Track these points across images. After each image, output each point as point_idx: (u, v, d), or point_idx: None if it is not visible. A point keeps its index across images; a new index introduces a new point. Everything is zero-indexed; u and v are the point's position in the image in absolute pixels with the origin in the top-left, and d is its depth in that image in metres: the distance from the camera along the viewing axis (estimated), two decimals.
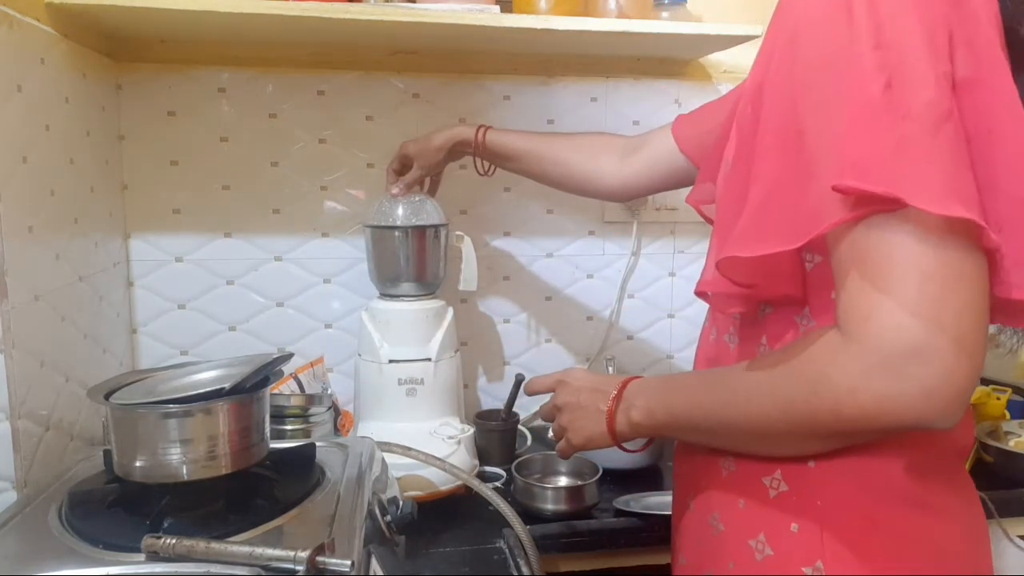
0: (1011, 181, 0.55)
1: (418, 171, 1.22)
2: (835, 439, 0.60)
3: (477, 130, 1.19)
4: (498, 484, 1.21)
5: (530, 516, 1.05)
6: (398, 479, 1.01)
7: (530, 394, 0.90)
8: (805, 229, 0.56)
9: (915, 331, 0.50)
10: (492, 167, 1.25)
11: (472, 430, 1.19)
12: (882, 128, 0.53)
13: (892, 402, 0.51)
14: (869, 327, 0.52)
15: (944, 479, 0.66)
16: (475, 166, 1.24)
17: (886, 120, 0.53)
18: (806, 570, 0.62)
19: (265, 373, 0.80)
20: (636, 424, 0.74)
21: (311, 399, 1.20)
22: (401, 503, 0.85)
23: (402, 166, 1.25)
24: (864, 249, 0.53)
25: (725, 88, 1.50)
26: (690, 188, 0.82)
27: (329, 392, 1.37)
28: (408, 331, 1.20)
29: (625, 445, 0.78)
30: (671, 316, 1.58)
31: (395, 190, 1.23)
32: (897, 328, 0.50)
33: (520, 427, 1.35)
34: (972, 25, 0.56)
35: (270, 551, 0.62)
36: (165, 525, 0.69)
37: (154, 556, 0.64)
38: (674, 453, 0.80)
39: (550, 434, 0.88)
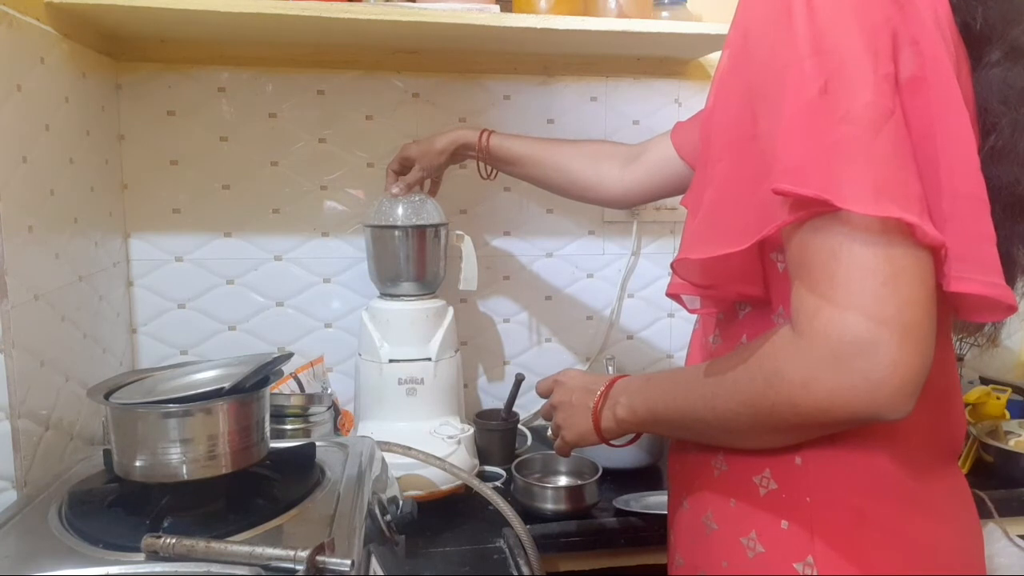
0: (952, 177, 0.57)
1: (419, 172, 1.23)
2: (797, 432, 0.62)
3: (481, 134, 1.20)
4: (498, 484, 1.21)
5: (530, 516, 1.05)
6: (398, 479, 1.01)
7: (540, 395, 0.92)
8: (752, 232, 0.58)
9: (858, 326, 0.52)
10: (494, 171, 1.25)
11: (472, 430, 1.19)
12: (818, 131, 0.54)
13: (842, 395, 0.53)
14: (816, 324, 0.54)
15: (935, 477, 0.66)
16: (478, 170, 1.24)
17: (823, 123, 0.54)
18: (797, 566, 0.62)
19: (265, 373, 0.81)
20: (621, 420, 0.77)
21: (311, 399, 1.20)
22: (401, 503, 0.85)
23: (402, 167, 1.25)
24: (809, 249, 0.55)
25: None
26: None
27: (329, 392, 1.37)
28: (408, 331, 1.20)
29: (613, 441, 0.81)
30: (671, 316, 1.58)
31: (395, 190, 1.23)
32: (841, 324, 0.52)
33: (520, 427, 1.35)
34: (916, 24, 0.57)
35: (270, 551, 0.62)
36: (165, 525, 0.69)
37: (154, 556, 0.64)
38: (668, 454, 0.80)
39: (549, 433, 0.91)
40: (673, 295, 0.71)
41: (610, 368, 1.45)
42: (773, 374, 0.57)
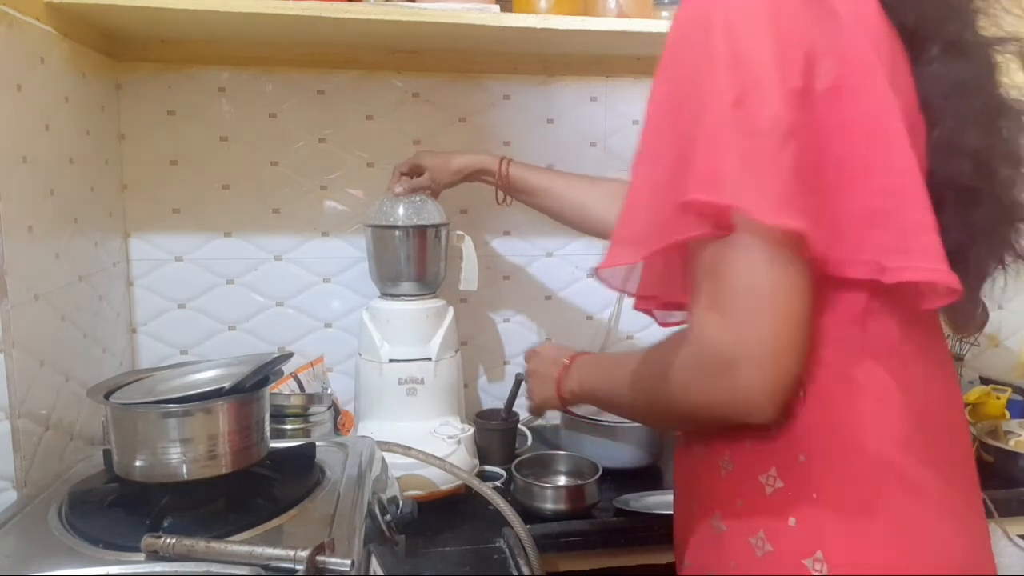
0: (888, 175, 0.59)
1: (427, 182, 1.24)
2: (687, 424, 0.70)
3: (500, 162, 1.22)
4: (498, 483, 1.21)
5: (530, 515, 1.05)
6: (398, 478, 1.01)
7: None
8: (655, 241, 0.61)
9: (733, 344, 0.56)
10: (510, 198, 1.27)
11: (472, 430, 1.19)
12: (731, 143, 0.56)
13: (715, 401, 0.59)
14: (698, 336, 0.58)
15: (943, 473, 0.67)
16: (496, 197, 1.26)
17: (735, 135, 0.56)
18: (807, 563, 0.62)
19: (265, 373, 0.81)
20: (572, 392, 0.87)
21: (311, 399, 1.20)
22: (401, 502, 0.85)
23: (411, 172, 1.26)
24: (704, 264, 0.59)
25: None
26: None
27: (329, 392, 1.37)
28: (408, 330, 1.20)
29: (572, 408, 0.94)
30: None
31: (398, 189, 1.24)
32: (719, 339, 0.57)
33: (520, 427, 1.35)
34: (836, 35, 0.59)
35: (270, 550, 0.62)
36: (165, 524, 0.69)
37: (154, 556, 0.64)
38: (674, 455, 0.80)
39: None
40: (644, 310, 0.74)
41: None
42: (665, 374, 0.63)
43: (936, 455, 0.67)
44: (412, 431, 1.12)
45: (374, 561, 0.71)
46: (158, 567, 0.63)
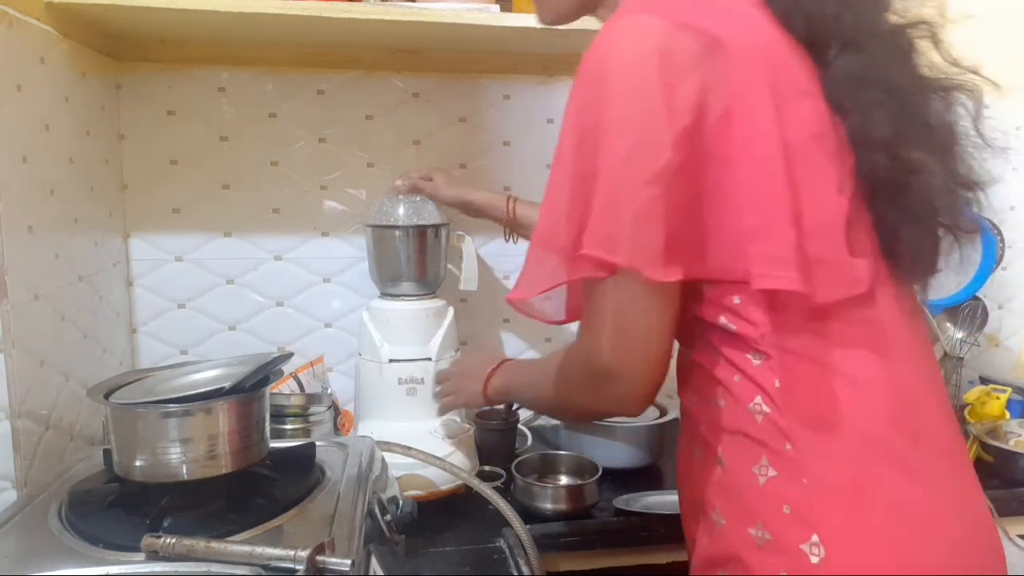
0: (742, 202, 0.65)
1: (431, 187, 1.26)
2: (585, 417, 0.94)
3: (507, 201, 1.26)
4: (498, 483, 1.21)
5: (530, 515, 1.05)
6: (398, 478, 1.01)
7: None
8: (552, 280, 0.70)
9: (613, 361, 0.66)
10: (518, 237, 1.30)
11: (472, 430, 1.19)
12: (622, 199, 0.63)
13: (596, 405, 0.72)
14: (587, 352, 0.68)
15: (935, 452, 0.68)
16: (504, 235, 1.29)
17: (627, 189, 0.63)
18: (803, 547, 0.64)
19: (265, 373, 0.81)
20: (496, 390, 0.95)
21: (311, 399, 1.20)
22: (401, 502, 0.85)
23: (421, 177, 1.29)
24: (594, 294, 0.67)
25: None
26: None
27: (329, 392, 1.37)
28: (408, 330, 1.20)
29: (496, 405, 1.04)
30: None
31: (399, 182, 1.24)
32: (596, 356, 0.67)
33: (520, 427, 1.35)
34: (724, 67, 0.64)
35: (270, 550, 0.62)
36: (165, 524, 0.69)
37: (154, 555, 0.64)
38: (676, 456, 0.81)
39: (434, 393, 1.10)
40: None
41: None
42: (560, 379, 0.75)
43: (925, 434, 0.69)
44: (412, 431, 1.11)
45: (374, 561, 0.71)
46: (158, 567, 0.63)
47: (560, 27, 0.90)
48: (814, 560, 0.63)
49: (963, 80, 0.71)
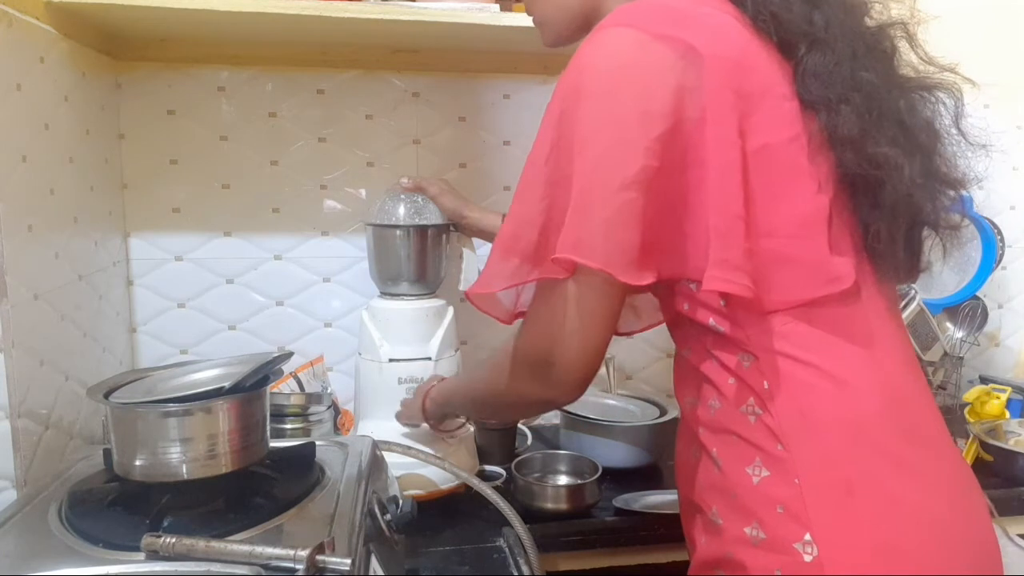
0: (715, 201, 0.66)
1: (435, 190, 1.25)
2: (520, 413, 1.02)
3: (502, 220, 1.23)
4: (498, 483, 1.20)
5: (530, 515, 1.05)
6: (398, 478, 1.01)
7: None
8: (519, 278, 0.72)
9: (544, 349, 0.69)
10: None
11: (472, 429, 1.19)
12: (595, 204, 0.64)
13: (533, 393, 0.74)
14: (522, 344, 0.73)
15: (928, 447, 0.69)
16: None
17: (600, 195, 0.64)
18: (797, 546, 0.64)
19: (265, 372, 0.81)
20: (433, 401, 1.01)
21: (311, 398, 1.20)
22: (401, 502, 0.85)
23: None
24: (544, 289, 0.70)
25: None
26: None
27: (329, 391, 1.37)
28: (408, 330, 1.20)
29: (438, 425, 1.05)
30: None
31: (404, 180, 1.24)
32: (534, 347, 0.71)
33: (520, 426, 1.35)
34: (698, 73, 0.65)
35: (270, 550, 0.62)
36: (165, 524, 0.69)
37: (154, 555, 0.64)
38: (675, 457, 0.81)
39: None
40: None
41: (610, 367, 1.45)
42: (501, 371, 0.77)
43: (916, 430, 0.69)
44: (412, 431, 1.12)
45: (374, 561, 0.72)
46: (158, 567, 0.63)
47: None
48: (807, 559, 0.64)
49: (942, 79, 0.71)
